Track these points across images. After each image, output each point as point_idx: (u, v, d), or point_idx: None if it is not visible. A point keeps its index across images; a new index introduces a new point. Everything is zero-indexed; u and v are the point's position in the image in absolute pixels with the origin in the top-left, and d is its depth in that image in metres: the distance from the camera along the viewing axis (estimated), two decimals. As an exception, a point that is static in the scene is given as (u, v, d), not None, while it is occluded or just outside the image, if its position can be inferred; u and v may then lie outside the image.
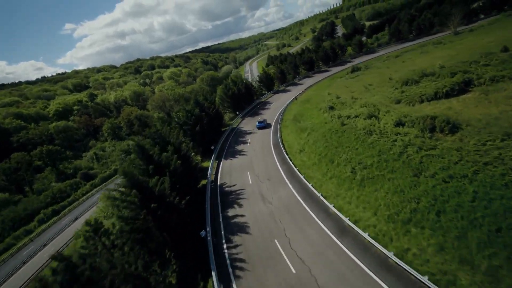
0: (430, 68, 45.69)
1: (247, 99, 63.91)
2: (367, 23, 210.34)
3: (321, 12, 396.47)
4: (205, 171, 33.91)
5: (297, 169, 27.74)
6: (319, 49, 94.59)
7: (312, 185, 24.14)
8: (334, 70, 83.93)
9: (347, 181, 23.21)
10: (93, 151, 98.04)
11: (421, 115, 26.87)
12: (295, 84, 78.38)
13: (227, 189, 28.43)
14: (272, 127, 46.34)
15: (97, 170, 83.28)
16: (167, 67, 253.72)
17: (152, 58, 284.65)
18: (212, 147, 38.61)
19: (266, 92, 74.68)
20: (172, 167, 21.63)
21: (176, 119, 38.24)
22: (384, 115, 30.38)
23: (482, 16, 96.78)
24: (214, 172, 33.30)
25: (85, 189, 65.83)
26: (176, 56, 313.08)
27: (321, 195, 22.43)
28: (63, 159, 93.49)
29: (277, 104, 61.84)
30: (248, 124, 52.13)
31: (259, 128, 47.45)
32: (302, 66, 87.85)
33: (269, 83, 74.91)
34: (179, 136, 29.08)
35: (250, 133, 46.00)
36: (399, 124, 26.85)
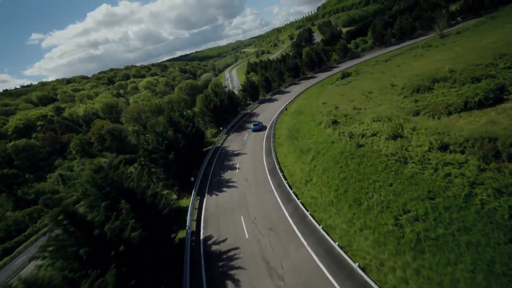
0: (436, 72, 40.11)
1: (231, 111, 55.71)
2: (344, 29, 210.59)
3: (297, 19, 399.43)
4: (183, 214, 25.18)
5: (310, 213, 19.86)
6: (305, 55, 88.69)
7: (338, 245, 16.30)
8: (321, 76, 78.10)
9: (391, 239, 15.62)
10: (59, 171, 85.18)
11: (467, 134, 20.21)
12: (282, 92, 71.38)
13: (214, 248, 19.86)
14: (264, 144, 38.50)
15: (63, 194, 71.53)
16: (143, 76, 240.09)
17: (127, 68, 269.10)
18: (192, 179, 29.88)
19: (251, 102, 66.89)
20: (125, 238, 13.02)
21: (145, 145, 29.20)
22: (412, 134, 23.51)
23: (460, 19, 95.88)
24: (195, 217, 24.59)
25: (47, 218, 54.31)
26: (153, 64, 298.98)
27: (359, 266, 14.65)
28: (21, 183, 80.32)
29: (266, 115, 54.20)
30: (234, 141, 43.88)
31: (254, 131, 46.33)
32: (287, 73, 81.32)
33: (253, 92, 67.29)
34: (143, 175, 20.49)
35: (238, 153, 37.76)
36: (442, 147, 19.95)
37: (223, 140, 45.55)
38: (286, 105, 56.64)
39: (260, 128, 46.88)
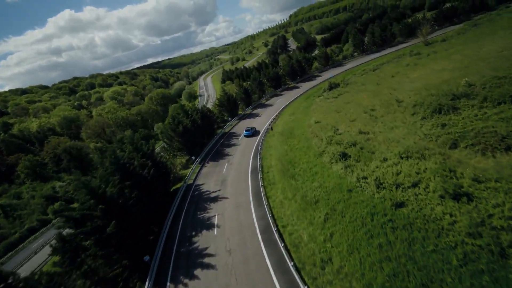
0: (448, 85, 33.60)
1: (206, 133, 45.77)
2: (318, 37, 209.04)
3: (270, 27, 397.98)
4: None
5: None
6: (285, 64, 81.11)
7: None
8: (304, 86, 70.70)
9: None
10: (2, 201, 70.04)
11: None
12: (264, 106, 62.66)
13: None
14: (250, 182, 29.12)
15: (4, 230, 57.13)
16: (110, 85, 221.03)
17: (92, 76, 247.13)
18: (147, 258, 19.50)
19: (229, 118, 57.31)
20: None
21: (66, 212, 18.11)
22: (480, 189, 15.58)
23: (436, 27, 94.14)
24: None
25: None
26: (121, 72, 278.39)
27: None
28: None
29: (247, 138, 45.00)
30: (211, 176, 33.91)
31: (246, 136, 44.88)
32: (267, 83, 73.00)
33: (232, 106, 57.74)
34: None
35: (215, 198, 27.91)
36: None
37: (196, 174, 35.30)
38: (271, 122, 47.89)
39: (253, 133, 44.89)
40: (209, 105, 74.41)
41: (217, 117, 54.93)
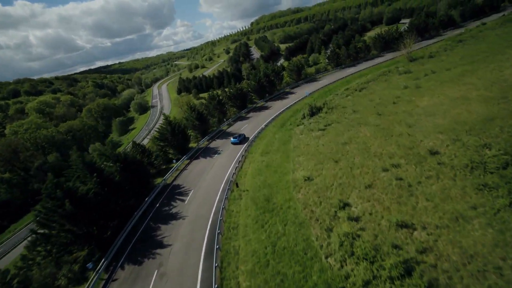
0: (497, 126, 22.28)
1: (131, 195, 28.56)
2: (282, 46, 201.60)
3: (231, 33, 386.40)
4: None
5: None
6: (252, 78, 66.88)
7: None
8: (276, 106, 57.25)
9: None
10: None
11: None
12: (225, 136, 47.10)
13: None
14: None
15: None
16: (41, 93, 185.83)
17: (17, 81, 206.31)
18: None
19: (174, 159, 40.38)
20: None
21: None
22: None
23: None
24: None
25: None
26: (57, 78, 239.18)
27: None
28: None
29: (197, 200, 28.96)
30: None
31: (234, 143, 41.42)
32: (230, 103, 57.91)
33: (180, 141, 40.85)
34: None
35: None
36: None
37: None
38: (236, 171, 32.71)
39: (241, 141, 41.76)
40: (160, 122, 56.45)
41: (154, 160, 37.80)
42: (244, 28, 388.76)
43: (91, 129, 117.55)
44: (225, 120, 53.65)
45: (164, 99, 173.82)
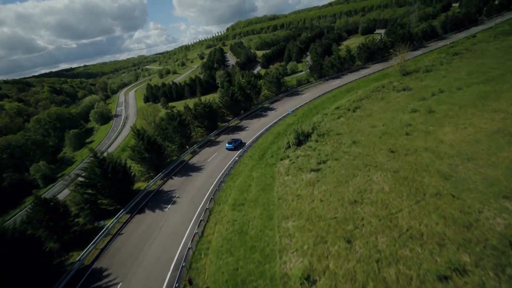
0: None
1: None
2: (258, 52, 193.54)
3: (206, 38, 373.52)
4: None
5: None
6: (224, 92, 55.84)
7: None
8: (253, 127, 46.98)
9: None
10: None
11: None
12: (186, 173, 35.56)
13: None
14: None
15: None
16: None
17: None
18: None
19: (114, 207, 28.23)
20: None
21: None
22: None
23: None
24: None
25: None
26: (6, 81, 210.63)
27: None
28: None
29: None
30: None
31: (229, 149, 39.28)
32: (196, 122, 46.47)
33: (119, 185, 28.67)
34: None
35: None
36: None
37: None
38: (193, 244, 21.53)
39: (235, 147, 39.22)
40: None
41: (78, 215, 25.42)
42: (219, 34, 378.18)
43: (35, 145, 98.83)
44: (188, 147, 41.88)
45: (130, 107, 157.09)
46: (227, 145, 40.13)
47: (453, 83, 38.23)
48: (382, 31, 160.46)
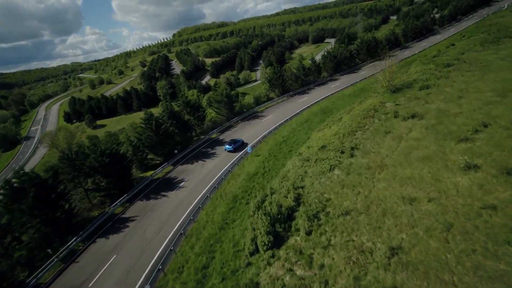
0: None
1: None
2: (207, 60, 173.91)
3: (151, 44, 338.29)
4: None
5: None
6: (166, 113, 35.20)
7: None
8: (190, 183, 28.33)
9: None
10: None
11: None
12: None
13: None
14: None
15: None
16: None
17: None
18: None
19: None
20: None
21: None
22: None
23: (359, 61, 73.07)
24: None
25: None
26: None
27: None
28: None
29: None
30: None
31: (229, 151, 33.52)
32: (89, 185, 25.78)
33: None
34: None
35: None
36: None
37: None
38: None
39: (234, 149, 33.55)
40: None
41: None
42: (166, 40, 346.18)
43: None
44: (55, 253, 20.75)
45: (50, 125, 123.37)
46: (226, 146, 33.66)
47: (489, 110, 25.23)
48: (332, 40, 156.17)
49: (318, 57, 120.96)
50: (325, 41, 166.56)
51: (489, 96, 28.13)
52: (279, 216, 18.09)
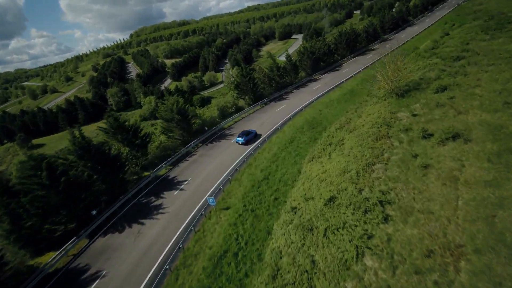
0: None
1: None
2: (167, 61, 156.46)
3: (107, 46, 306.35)
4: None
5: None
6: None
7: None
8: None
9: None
10: None
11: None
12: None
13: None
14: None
15: None
16: None
17: None
18: None
19: None
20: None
21: None
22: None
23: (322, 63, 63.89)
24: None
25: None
26: None
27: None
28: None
29: None
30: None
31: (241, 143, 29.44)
32: None
33: None
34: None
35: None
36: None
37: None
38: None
39: (245, 142, 29.31)
40: None
41: None
42: (123, 40, 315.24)
43: None
44: None
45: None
46: (237, 138, 29.24)
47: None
48: (299, 35, 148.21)
49: (286, 54, 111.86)
50: (292, 37, 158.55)
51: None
52: None
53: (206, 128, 33.90)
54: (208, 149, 30.88)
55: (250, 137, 30.08)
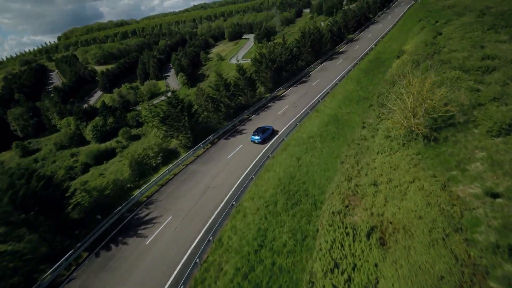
0: None
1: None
2: (99, 68, 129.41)
3: (28, 51, 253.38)
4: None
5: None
6: None
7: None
8: None
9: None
10: None
11: None
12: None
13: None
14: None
15: None
16: None
17: None
18: None
19: None
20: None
21: None
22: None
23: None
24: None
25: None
26: None
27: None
28: None
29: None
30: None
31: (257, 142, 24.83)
32: None
33: None
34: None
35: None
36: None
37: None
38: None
39: (262, 140, 24.66)
40: None
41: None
42: (50, 43, 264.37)
43: None
44: None
45: None
46: (252, 137, 25.19)
47: None
48: (250, 35, 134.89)
49: (240, 57, 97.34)
50: (243, 37, 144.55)
51: None
52: None
53: (99, 217, 17.63)
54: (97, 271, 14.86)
55: (266, 134, 24.91)
